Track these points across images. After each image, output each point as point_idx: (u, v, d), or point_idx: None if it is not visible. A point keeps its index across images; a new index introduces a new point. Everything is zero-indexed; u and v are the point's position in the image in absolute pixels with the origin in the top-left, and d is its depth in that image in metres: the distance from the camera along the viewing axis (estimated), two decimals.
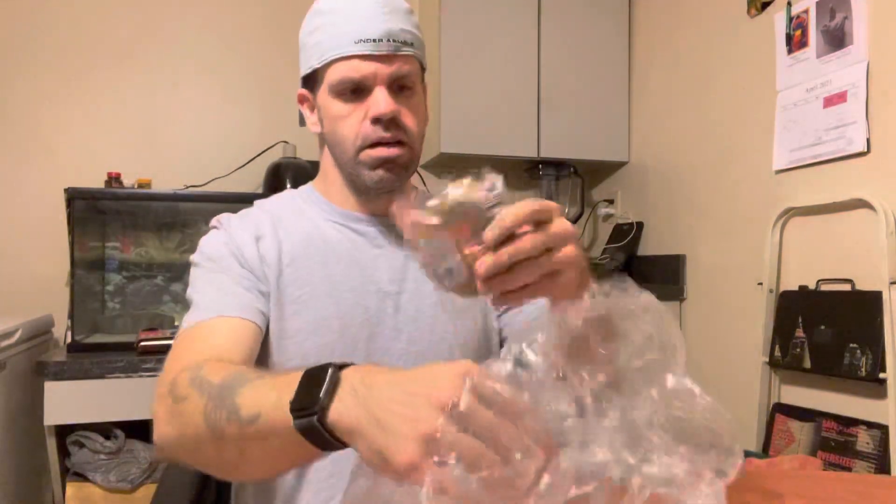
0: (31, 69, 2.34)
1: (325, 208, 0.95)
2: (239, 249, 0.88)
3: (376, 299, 0.90)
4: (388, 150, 0.86)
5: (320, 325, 0.87)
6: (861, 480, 0.91)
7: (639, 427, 0.54)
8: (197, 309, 0.83)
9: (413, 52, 0.86)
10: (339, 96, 0.86)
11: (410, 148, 0.88)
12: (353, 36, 0.83)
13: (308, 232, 0.92)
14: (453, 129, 2.47)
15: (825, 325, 1.76)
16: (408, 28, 0.86)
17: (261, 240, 0.90)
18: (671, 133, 2.45)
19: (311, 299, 0.88)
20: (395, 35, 0.83)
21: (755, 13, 2.05)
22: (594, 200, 2.91)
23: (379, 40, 0.83)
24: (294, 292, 0.88)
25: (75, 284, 2.03)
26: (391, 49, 0.83)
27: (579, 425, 0.54)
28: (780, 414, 1.89)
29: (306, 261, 0.90)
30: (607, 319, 0.61)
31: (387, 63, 0.84)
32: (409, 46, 0.85)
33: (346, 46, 0.83)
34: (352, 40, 0.83)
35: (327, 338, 0.87)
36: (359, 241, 0.93)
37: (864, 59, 1.69)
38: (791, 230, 1.93)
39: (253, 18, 2.55)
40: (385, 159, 0.86)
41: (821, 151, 1.81)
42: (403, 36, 0.84)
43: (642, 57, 2.64)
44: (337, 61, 0.84)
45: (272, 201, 0.99)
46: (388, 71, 0.84)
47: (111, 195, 2.17)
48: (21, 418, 1.86)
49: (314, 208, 0.96)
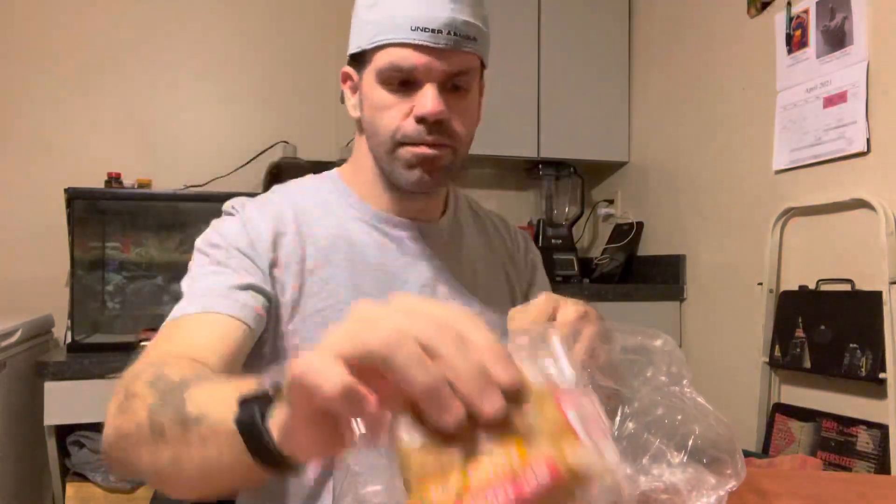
0: (31, 69, 2.33)
1: (353, 204, 0.86)
2: (252, 241, 0.79)
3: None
4: (429, 149, 0.78)
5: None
6: (861, 480, 0.91)
7: (640, 435, 0.54)
8: (186, 299, 0.74)
9: (474, 49, 0.77)
10: (385, 84, 0.78)
11: (454, 151, 0.80)
12: (412, 21, 0.73)
13: (335, 234, 0.84)
14: None
15: (825, 325, 1.76)
16: (474, 21, 0.76)
17: (281, 237, 0.81)
18: (671, 133, 2.45)
19: (335, 314, 0.80)
20: (457, 28, 0.74)
21: (755, 13, 2.05)
22: (594, 200, 2.91)
23: (438, 31, 0.73)
24: (316, 304, 0.81)
25: (75, 284, 2.03)
26: (450, 43, 0.74)
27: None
28: (780, 414, 1.89)
29: (331, 269, 0.82)
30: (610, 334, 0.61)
31: (443, 58, 0.75)
32: (471, 42, 0.76)
33: (402, 32, 0.74)
34: (409, 26, 0.74)
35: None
36: (389, 246, 0.85)
37: (864, 59, 1.69)
38: (791, 230, 1.93)
39: (253, 19, 2.55)
40: (424, 158, 0.78)
41: (821, 151, 1.81)
42: (467, 30, 0.75)
43: (642, 57, 2.64)
44: (388, 46, 0.75)
45: (295, 189, 0.88)
46: (444, 68, 0.75)
47: (111, 195, 2.16)
48: (21, 418, 1.86)
49: (342, 203, 0.87)
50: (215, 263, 0.78)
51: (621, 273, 2.56)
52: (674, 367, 0.59)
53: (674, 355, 0.60)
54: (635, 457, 0.53)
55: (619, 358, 0.59)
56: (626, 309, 2.33)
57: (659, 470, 0.52)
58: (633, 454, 0.53)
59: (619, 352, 0.59)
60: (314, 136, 2.56)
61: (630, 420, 0.54)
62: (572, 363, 0.41)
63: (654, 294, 2.38)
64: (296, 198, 0.86)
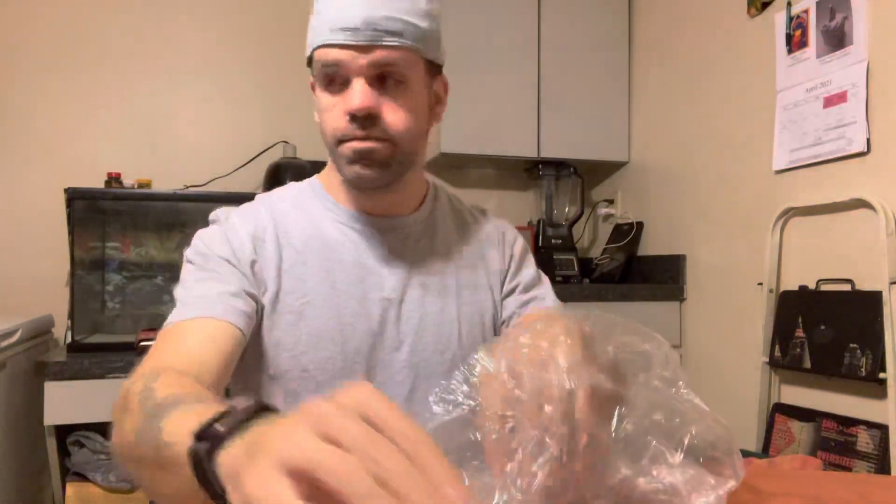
0: (31, 69, 2.34)
1: (328, 206, 0.91)
2: (234, 249, 0.84)
3: (379, 308, 0.86)
4: (361, 143, 0.79)
5: (321, 338, 0.84)
6: (861, 480, 0.91)
7: (638, 436, 0.54)
8: (179, 307, 0.78)
9: (400, 42, 0.77)
10: (326, 87, 0.81)
11: (393, 144, 0.80)
12: (332, 23, 0.77)
13: (309, 233, 0.88)
14: (453, 129, 2.47)
15: (825, 325, 1.76)
16: (397, 16, 0.77)
17: (260, 242, 0.85)
18: (671, 133, 2.45)
19: (310, 309, 0.84)
20: (376, 23, 0.76)
21: (755, 13, 2.05)
22: (594, 200, 2.91)
23: (356, 28, 0.76)
24: (293, 302, 0.84)
25: (75, 284, 2.03)
26: (369, 38, 0.76)
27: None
28: (780, 414, 1.89)
29: (306, 267, 0.86)
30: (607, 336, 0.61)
31: (364, 53, 0.77)
32: (395, 36, 0.77)
33: (325, 34, 0.78)
34: (329, 28, 0.77)
35: (327, 352, 0.84)
36: (361, 243, 0.89)
37: (864, 59, 1.69)
38: (791, 230, 1.93)
39: (253, 18, 2.55)
40: (359, 153, 0.80)
41: (821, 151, 1.81)
42: (388, 24, 0.77)
43: (642, 57, 2.64)
44: (318, 49, 0.79)
45: (275, 197, 0.93)
46: (364, 62, 0.77)
47: (111, 195, 2.17)
48: (21, 418, 1.86)
49: (318, 205, 0.91)
50: (204, 271, 0.82)
51: (621, 273, 2.56)
52: (668, 369, 0.59)
53: (669, 358, 0.60)
54: (634, 458, 0.53)
55: (621, 356, 0.59)
56: (626, 309, 2.33)
57: (658, 471, 0.52)
58: (632, 455, 0.53)
59: (619, 348, 0.59)
60: (314, 136, 2.50)
61: (628, 421, 0.54)
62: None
63: (654, 294, 2.38)
64: (275, 205, 0.90)
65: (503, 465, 0.50)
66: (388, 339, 0.87)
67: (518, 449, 0.50)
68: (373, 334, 0.86)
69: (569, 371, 0.51)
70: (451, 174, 2.80)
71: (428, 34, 0.81)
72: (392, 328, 0.87)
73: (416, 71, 0.82)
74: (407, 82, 0.81)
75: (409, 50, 0.79)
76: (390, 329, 0.87)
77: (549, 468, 0.49)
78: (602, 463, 0.52)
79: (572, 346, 0.54)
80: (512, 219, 2.81)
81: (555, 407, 0.50)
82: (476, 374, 0.57)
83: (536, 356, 0.53)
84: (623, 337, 0.60)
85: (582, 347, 0.54)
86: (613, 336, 0.60)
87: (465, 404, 0.57)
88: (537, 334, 0.56)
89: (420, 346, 0.88)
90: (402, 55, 0.79)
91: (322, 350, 0.84)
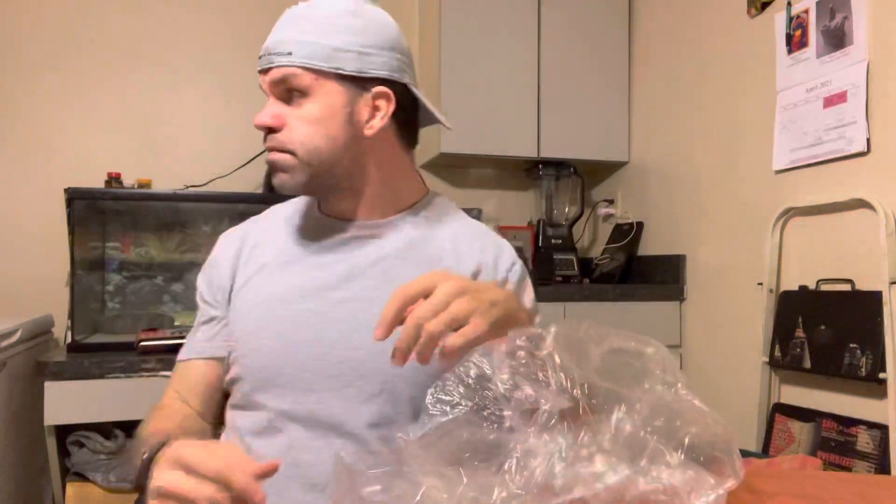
0: (31, 69, 2.34)
1: (303, 214, 0.97)
2: (209, 280, 0.95)
3: (325, 305, 0.87)
4: (270, 154, 0.88)
5: (262, 345, 0.87)
6: (861, 480, 0.91)
7: (637, 436, 0.54)
8: (183, 346, 0.95)
9: (289, 62, 0.84)
10: None
11: (294, 155, 0.86)
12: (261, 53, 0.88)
13: (278, 243, 0.94)
14: (453, 129, 2.47)
15: (825, 325, 1.76)
16: (293, 37, 0.85)
17: (237, 259, 0.94)
18: (671, 133, 2.46)
19: (270, 307, 0.89)
20: (272, 48, 0.85)
21: (755, 13, 2.05)
22: (594, 200, 2.91)
23: (264, 55, 0.86)
24: (255, 298, 0.90)
25: (75, 284, 2.03)
26: (267, 62, 0.86)
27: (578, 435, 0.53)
28: (780, 414, 1.89)
29: (259, 276, 0.91)
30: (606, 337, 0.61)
31: (267, 76, 0.86)
32: (283, 56, 0.84)
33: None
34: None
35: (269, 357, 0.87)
36: (311, 245, 0.92)
37: (864, 59, 1.69)
38: (791, 230, 1.93)
39: (253, 18, 2.55)
40: (270, 163, 0.88)
41: (821, 151, 1.81)
42: (279, 47, 0.85)
43: (642, 57, 2.64)
44: None
45: (263, 214, 1.02)
46: (267, 81, 0.86)
47: (111, 195, 2.17)
48: (21, 418, 1.86)
49: (295, 215, 0.98)
50: (199, 314, 0.96)
51: (621, 273, 2.56)
52: (668, 372, 0.59)
53: (667, 361, 0.60)
54: (634, 458, 0.53)
55: (615, 360, 0.59)
56: (626, 309, 2.33)
57: (657, 471, 0.52)
58: (631, 455, 0.53)
59: (612, 352, 0.60)
60: None
61: (627, 422, 0.54)
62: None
63: (654, 294, 2.38)
64: (259, 222, 1.00)
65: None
66: (329, 337, 0.86)
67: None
68: (316, 330, 0.86)
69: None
70: (451, 174, 2.80)
71: (339, 49, 0.85)
72: (333, 328, 0.86)
73: (321, 85, 0.85)
74: (312, 96, 0.85)
75: (301, 67, 0.84)
76: (331, 329, 0.86)
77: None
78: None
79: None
80: (512, 219, 2.84)
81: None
82: (472, 376, 0.57)
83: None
84: (618, 342, 0.60)
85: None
86: (608, 340, 0.60)
87: (462, 405, 0.57)
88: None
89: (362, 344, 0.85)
90: (293, 72, 0.84)
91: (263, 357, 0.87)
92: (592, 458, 0.52)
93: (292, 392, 0.85)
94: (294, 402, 0.84)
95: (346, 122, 0.86)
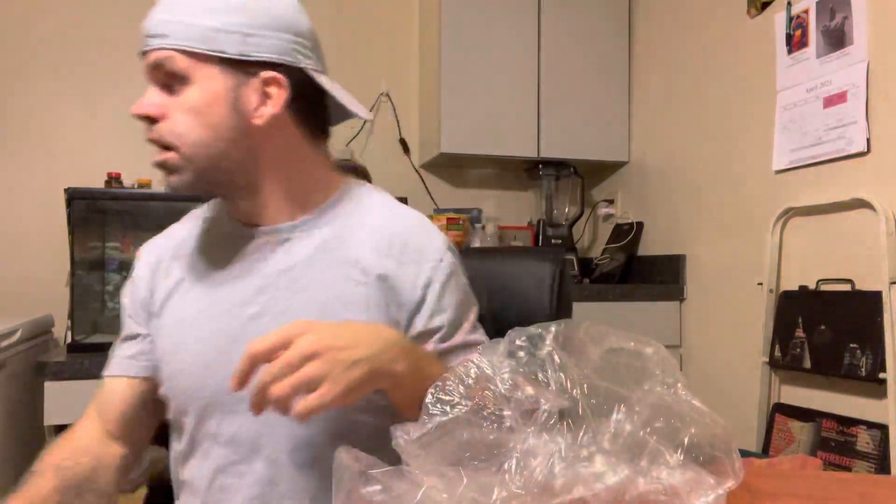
0: (30, 69, 2.34)
1: (219, 220, 0.90)
2: (132, 296, 0.91)
3: (237, 323, 0.81)
4: (154, 155, 0.80)
5: (182, 368, 0.83)
6: (861, 480, 0.91)
7: (637, 436, 0.54)
8: (107, 363, 0.92)
9: (162, 44, 0.75)
10: None
11: (176, 150, 0.78)
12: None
13: (182, 255, 0.89)
14: (453, 129, 2.47)
15: (825, 325, 1.76)
16: (167, 17, 0.76)
17: (156, 273, 0.89)
18: (671, 133, 2.46)
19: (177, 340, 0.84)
20: (149, 30, 0.76)
21: (755, 13, 2.05)
22: (594, 200, 2.91)
23: (143, 37, 0.77)
24: (176, 313, 0.85)
25: (75, 284, 2.02)
26: (144, 45, 0.77)
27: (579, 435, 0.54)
28: (780, 414, 1.89)
29: (176, 294, 0.86)
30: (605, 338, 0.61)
31: (145, 58, 0.77)
32: (159, 38, 0.75)
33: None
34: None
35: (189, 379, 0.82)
36: (222, 258, 0.85)
37: (864, 59, 1.69)
38: (791, 230, 1.93)
39: None
40: (158, 167, 0.81)
41: (821, 151, 1.81)
42: (156, 28, 0.76)
43: (642, 57, 2.64)
44: None
45: (178, 224, 0.97)
46: (145, 66, 0.78)
47: (111, 195, 2.16)
48: (21, 418, 1.86)
49: (214, 221, 0.91)
50: (125, 326, 0.92)
51: (621, 273, 2.56)
52: (667, 372, 0.59)
53: (666, 362, 0.60)
54: (633, 458, 0.53)
55: (614, 360, 0.59)
56: (626, 309, 2.33)
57: (657, 471, 0.52)
58: (631, 456, 0.53)
59: (612, 352, 0.60)
60: None
61: (627, 422, 0.54)
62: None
63: (654, 294, 2.38)
64: (177, 230, 0.95)
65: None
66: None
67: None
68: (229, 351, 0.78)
69: None
70: (451, 174, 2.80)
71: (220, 30, 0.76)
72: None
73: (201, 70, 0.76)
74: (192, 83, 0.77)
75: (176, 49, 0.75)
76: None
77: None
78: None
79: None
80: (512, 219, 2.84)
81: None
82: (472, 376, 0.57)
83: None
84: (617, 342, 0.60)
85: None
86: (607, 340, 0.60)
87: (462, 405, 0.57)
88: None
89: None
90: (169, 55, 0.75)
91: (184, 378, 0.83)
92: (592, 458, 0.52)
93: (215, 415, 0.80)
94: (217, 426, 0.80)
95: (230, 110, 0.78)
